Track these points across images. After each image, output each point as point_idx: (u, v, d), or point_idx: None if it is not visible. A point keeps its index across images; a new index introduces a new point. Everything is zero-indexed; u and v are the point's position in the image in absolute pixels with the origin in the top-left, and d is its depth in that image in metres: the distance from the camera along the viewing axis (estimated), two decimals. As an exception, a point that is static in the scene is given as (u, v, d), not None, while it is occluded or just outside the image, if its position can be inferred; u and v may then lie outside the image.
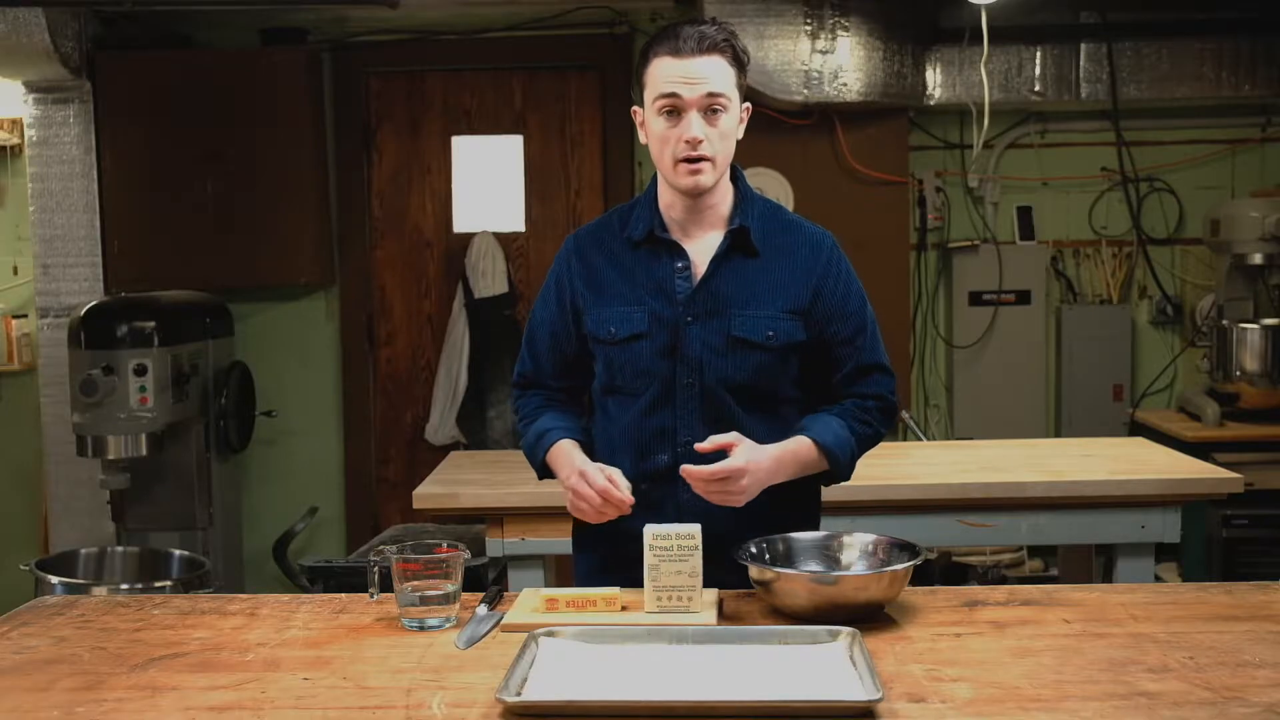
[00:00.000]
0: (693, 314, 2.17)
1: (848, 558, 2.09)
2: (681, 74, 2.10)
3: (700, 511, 2.12)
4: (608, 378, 2.24)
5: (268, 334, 5.06)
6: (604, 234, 2.27)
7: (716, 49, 2.11)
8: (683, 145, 2.11)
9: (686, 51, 2.10)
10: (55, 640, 1.93)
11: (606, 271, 2.23)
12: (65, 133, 4.68)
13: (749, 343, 2.16)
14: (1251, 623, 1.91)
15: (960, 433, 4.99)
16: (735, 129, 2.16)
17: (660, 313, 2.18)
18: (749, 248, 2.19)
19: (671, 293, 2.18)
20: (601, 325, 2.21)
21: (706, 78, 2.10)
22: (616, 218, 2.29)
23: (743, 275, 2.18)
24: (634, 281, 2.20)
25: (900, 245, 4.90)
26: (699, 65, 2.10)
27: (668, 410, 2.18)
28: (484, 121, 5.06)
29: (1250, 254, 4.55)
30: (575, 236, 2.32)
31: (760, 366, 2.18)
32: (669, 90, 2.10)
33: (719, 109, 2.11)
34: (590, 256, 2.25)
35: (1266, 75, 4.69)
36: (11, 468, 5.09)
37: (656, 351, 2.18)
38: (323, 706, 1.63)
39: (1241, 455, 4.24)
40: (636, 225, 2.23)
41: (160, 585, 3.78)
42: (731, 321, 2.16)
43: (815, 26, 4.53)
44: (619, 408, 2.22)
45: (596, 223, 2.33)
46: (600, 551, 2.27)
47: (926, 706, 1.59)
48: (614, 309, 2.20)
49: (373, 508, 5.13)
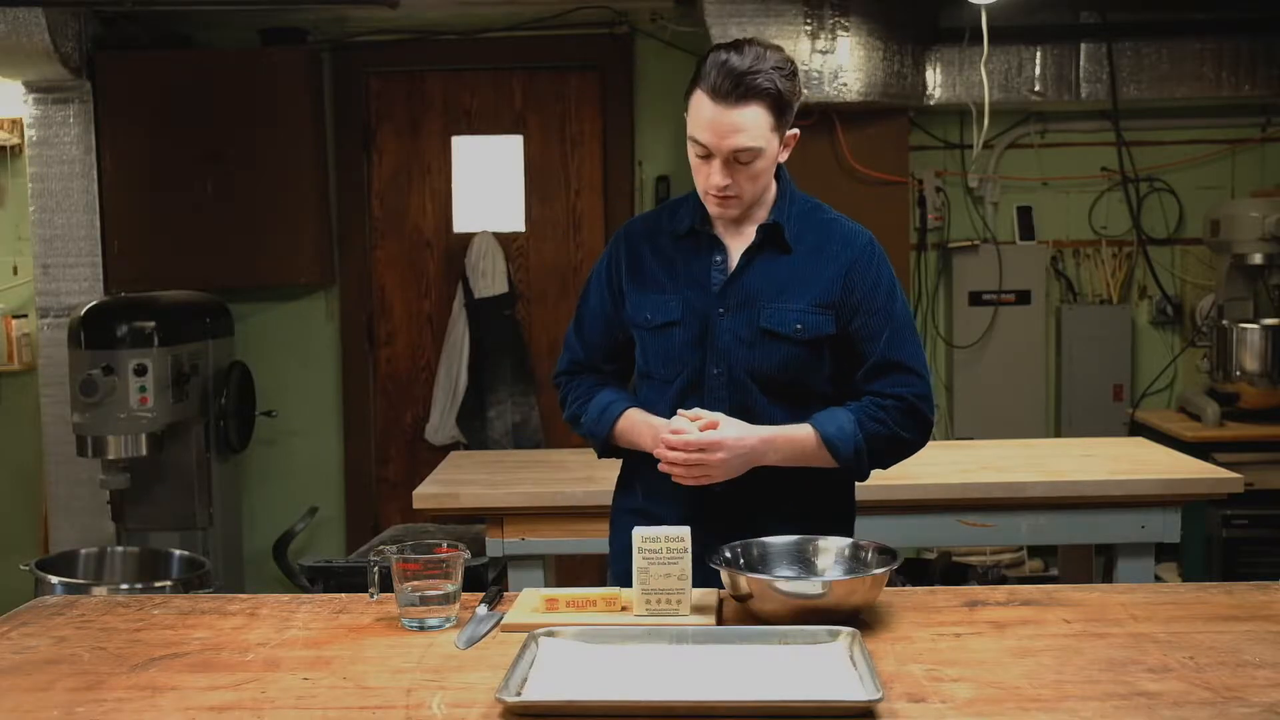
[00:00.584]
0: (724, 305, 2.22)
1: (823, 562, 2.07)
2: (712, 123, 2.10)
3: (730, 496, 2.19)
4: (643, 363, 2.32)
5: (268, 334, 5.06)
6: (653, 225, 2.34)
7: (754, 96, 2.08)
8: (710, 184, 2.16)
9: (720, 97, 2.08)
10: (55, 640, 1.93)
11: (650, 260, 2.29)
12: (65, 133, 4.68)
13: (777, 335, 2.20)
14: (1251, 623, 1.91)
15: (960, 433, 4.99)
16: (769, 167, 2.18)
17: (694, 303, 2.23)
18: (782, 244, 2.23)
19: (707, 284, 2.24)
20: (639, 311, 2.28)
21: (737, 130, 2.09)
22: (666, 211, 2.35)
23: (774, 270, 2.22)
24: (673, 271, 2.27)
25: (900, 245, 4.90)
26: (732, 117, 2.08)
27: (695, 399, 2.22)
28: (484, 121, 5.06)
29: (1250, 254, 4.55)
30: (628, 225, 2.39)
31: (788, 359, 2.21)
32: (699, 138, 2.13)
33: (747, 160, 2.12)
34: (637, 245, 2.32)
35: (1266, 75, 4.69)
36: (11, 468, 5.09)
37: (688, 340, 2.23)
38: (323, 706, 1.63)
39: (1241, 455, 4.24)
40: (682, 219, 2.29)
41: (160, 585, 3.77)
42: (760, 314, 2.20)
43: (815, 26, 4.52)
44: (652, 393, 2.29)
45: (649, 214, 2.40)
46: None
47: (926, 706, 1.59)
48: (651, 296, 2.27)
49: (373, 508, 5.13)
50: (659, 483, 2.23)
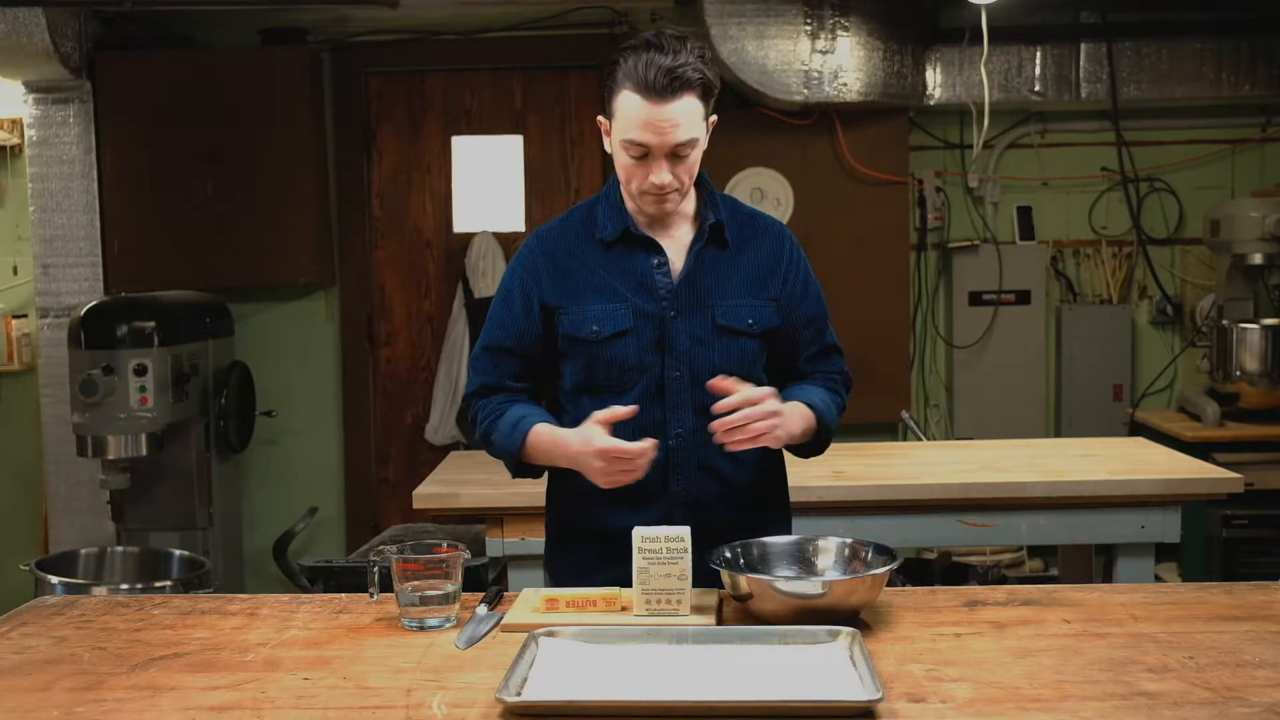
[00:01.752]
0: (676, 308, 2.20)
1: (823, 562, 2.07)
2: (650, 121, 2.07)
3: (691, 502, 2.19)
4: (586, 376, 2.22)
5: (268, 334, 5.06)
6: (568, 234, 2.26)
7: (687, 88, 2.07)
8: (650, 183, 2.12)
9: (655, 94, 2.05)
10: (55, 640, 1.93)
11: (579, 271, 2.22)
12: (65, 133, 4.68)
13: (733, 330, 2.21)
14: (1251, 623, 1.91)
15: (960, 433, 4.99)
16: (701, 153, 2.16)
17: (644, 308, 2.19)
18: (722, 241, 2.24)
19: (653, 288, 2.20)
20: (582, 324, 2.20)
21: (676, 125, 2.08)
22: (578, 218, 2.28)
23: (718, 267, 2.23)
24: (611, 278, 2.21)
25: (900, 245, 4.90)
26: (668, 112, 2.06)
27: (658, 404, 2.19)
28: (484, 121, 5.06)
29: (1250, 254, 4.55)
30: (538, 236, 2.30)
31: (744, 353, 2.23)
32: (637, 139, 2.09)
33: (686, 153, 2.12)
34: (558, 257, 2.24)
35: (1266, 75, 4.70)
36: (11, 468, 5.09)
37: (643, 347, 2.19)
38: (323, 706, 1.63)
39: (1241, 455, 4.24)
40: (606, 226, 2.23)
41: (160, 585, 3.78)
42: (715, 311, 2.20)
43: (815, 26, 4.52)
44: (597, 406, 2.14)
45: (558, 223, 2.31)
46: (583, 554, 2.26)
47: (926, 706, 1.59)
48: (593, 307, 2.20)
49: (373, 508, 5.13)
50: (606, 490, 2.12)
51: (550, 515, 2.36)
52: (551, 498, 2.35)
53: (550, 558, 2.36)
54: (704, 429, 2.12)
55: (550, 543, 2.36)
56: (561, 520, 2.32)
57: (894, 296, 4.87)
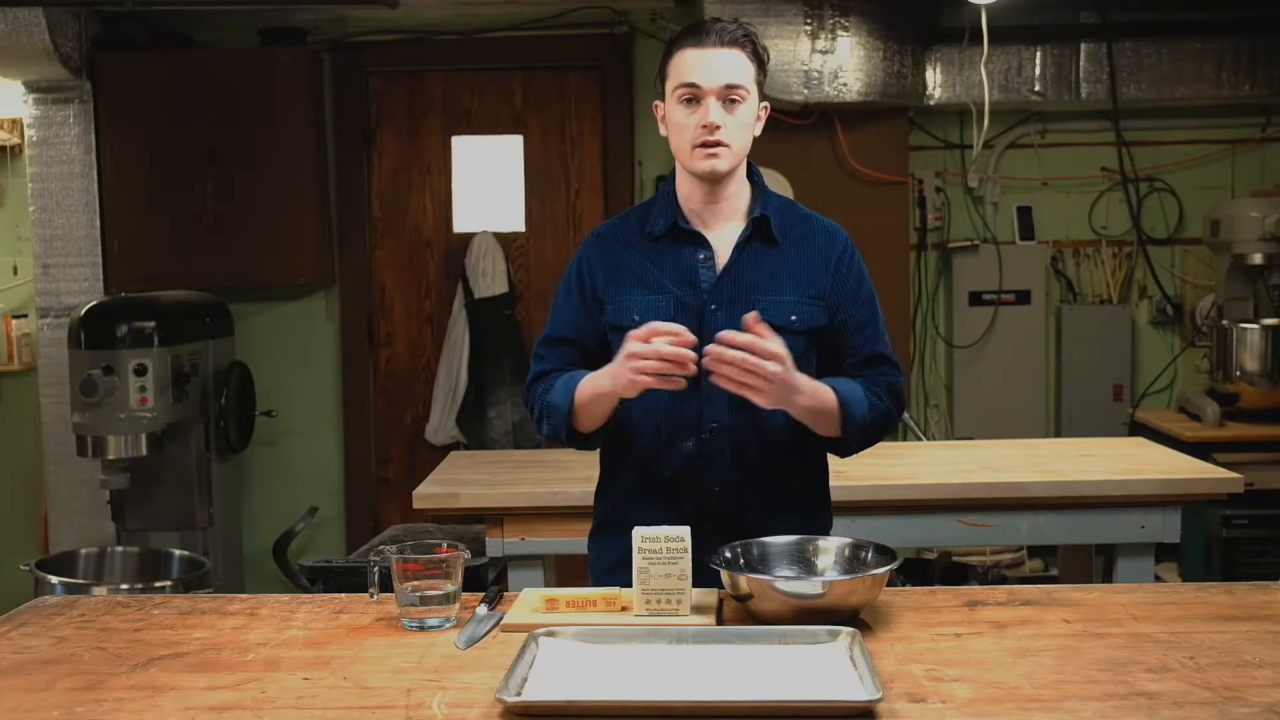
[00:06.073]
0: (717, 301, 2.21)
1: (823, 562, 2.07)
2: (702, 64, 2.16)
3: (725, 497, 2.20)
4: None
5: (268, 334, 5.06)
6: (623, 231, 2.32)
7: (737, 43, 2.18)
8: (700, 131, 2.17)
9: (708, 44, 2.17)
10: (55, 640, 1.93)
11: (628, 262, 2.27)
12: (65, 133, 4.68)
13: (775, 326, 2.16)
14: (1251, 623, 1.91)
15: (960, 433, 4.99)
16: (752, 122, 2.22)
17: (685, 300, 2.22)
18: (769, 236, 2.25)
19: (695, 281, 2.23)
20: (624, 313, 2.24)
21: (726, 68, 2.16)
22: (634, 216, 2.33)
23: (764, 262, 2.24)
24: (657, 271, 2.25)
25: (900, 245, 4.90)
26: (719, 56, 2.16)
27: (694, 397, 2.20)
28: (484, 121, 5.06)
29: (1250, 254, 4.55)
30: (596, 233, 2.36)
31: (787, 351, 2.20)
32: (689, 80, 2.17)
33: (737, 100, 2.17)
34: (611, 249, 2.30)
35: (1266, 75, 4.70)
36: (11, 468, 5.09)
37: None
38: (323, 706, 1.63)
39: (1241, 455, 4.23)
40: (657, 221, 2.27)
41: (160, 585, 3.78)
42: (756, 306, 2.17)
43: (815, 26, 4.53)
44: (638, 397, 2.18)
45: (615, 220, 2.37)
46: (626, 543, 2.27)
47: (926, 706, 1.59)
48: (636, 297, 2.24)
49: (373, 508, 5.13)
50: (643, 484, 2.22)
51: (597, 507, 2.41)
52: (599, 491, 2.40)
53: (593, 544, 2.41)
54: (740, 424, 2.17)
55: (594, 530, 2.41)
56: (605, 512, 2.37)
57: (894, 296, 4.86)
